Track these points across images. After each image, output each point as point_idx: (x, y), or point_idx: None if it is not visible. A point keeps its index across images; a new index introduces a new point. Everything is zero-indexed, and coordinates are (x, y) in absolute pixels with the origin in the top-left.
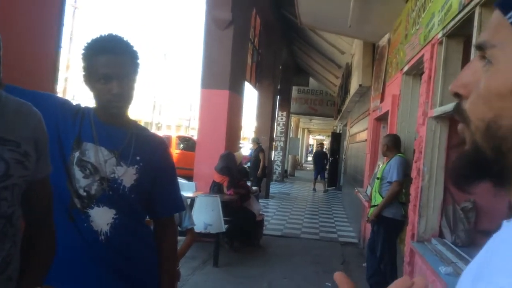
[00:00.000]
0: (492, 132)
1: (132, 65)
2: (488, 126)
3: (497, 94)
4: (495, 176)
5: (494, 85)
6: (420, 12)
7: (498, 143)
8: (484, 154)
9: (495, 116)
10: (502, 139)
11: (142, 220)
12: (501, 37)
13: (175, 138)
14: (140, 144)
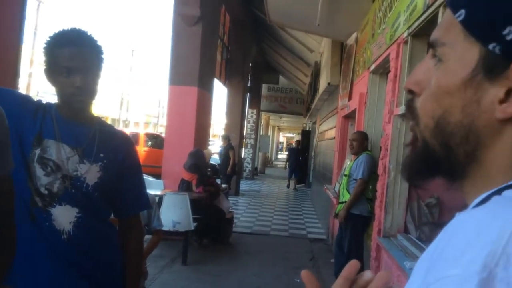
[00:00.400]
0: (441, 128)
1: (96, 59)
2: (437, 123)
3: (446, 92)
4: (445, 171)
5: (444, 82)
6: (386, 12)
7: (447, 140)
8: (433, 150)
9: (444, 112)
10: (451, 135)
11: (106, 219)
12: (451, 36)
13: (143, 135)
14: (104, 141)
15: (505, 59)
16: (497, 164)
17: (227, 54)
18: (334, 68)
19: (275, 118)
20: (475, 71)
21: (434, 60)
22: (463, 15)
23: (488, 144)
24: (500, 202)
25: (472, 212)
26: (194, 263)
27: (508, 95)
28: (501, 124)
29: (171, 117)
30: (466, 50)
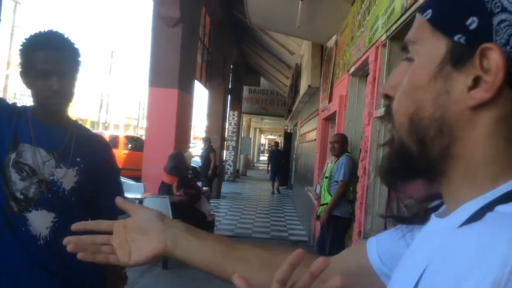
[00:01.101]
0: (415, 125)
1: (72, 62)
2: (411, 120)
3: (417, 87)
4: (422, 170)
5: (414, 78)
6: (365, 15)
7: (421, 136)
8: (409, 149)
9: (417, 108)
10: (425, 130)
11: None
12: (421, 34)
13: (122, 138)
14: (80, 145)
15: (470, 48)
16: (474, 159)
17: (208, 56)
18: (314, 70)
19: (256, 120)
20: (443, 63)
21: (407, 62)
22: (430, 14)
23: (462, 137)
24: (497, 220)
25: (470, 231)
26: (174, 267)
27: (476, 83)
28: (472, 113)
29: (151, 119)
30: (434, 45)
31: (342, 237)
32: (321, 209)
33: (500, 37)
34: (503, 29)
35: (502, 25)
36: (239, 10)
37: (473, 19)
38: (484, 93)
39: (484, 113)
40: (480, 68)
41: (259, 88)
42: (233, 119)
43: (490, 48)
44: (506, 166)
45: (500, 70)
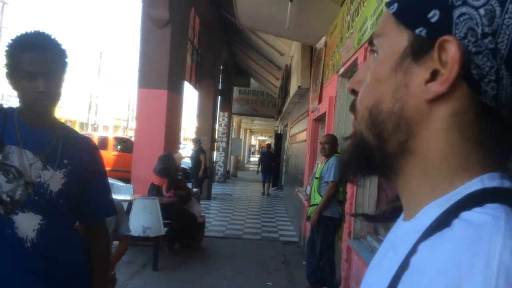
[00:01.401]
0: (374, 118)
1: (59, 63)
2: (370, 113)
3: (378, 80)
4: (380, 165)
5: (376, 71)
6: (354, 16)
7: (380, 129)
8: (368, 143)
9: (376, 101)
10: (383, 124)
11: (71, 226)
12: (386, 28)
13: (112, 139)
14: (67, 147)
15: (430, 41)
16: (430, 154)
17: (198, 57)
18: (304, 71)
19: (247, 121)
20: (404, 56)
21: (373, 56)
22: (395, 8)
23: (419, 131)
24: (469, 231)
25: (444, 243)
26: (165, 268)
27: (434, 76)
28: (429, 107)
29: (140, 120)
30: (397, 37)
31: (332, 238)
32: (311, 209)
33: (459, 30)
34: (462, 22)
35: (461, 18)
36: (229, 11)
37: (435, 12)
38: (439, 86)
39: (440, 107)
40: (438, 61)
41: (249, 89)
42: (223, 120)
43: (448, 40)
44: (462, 163)
45: (455, 63)
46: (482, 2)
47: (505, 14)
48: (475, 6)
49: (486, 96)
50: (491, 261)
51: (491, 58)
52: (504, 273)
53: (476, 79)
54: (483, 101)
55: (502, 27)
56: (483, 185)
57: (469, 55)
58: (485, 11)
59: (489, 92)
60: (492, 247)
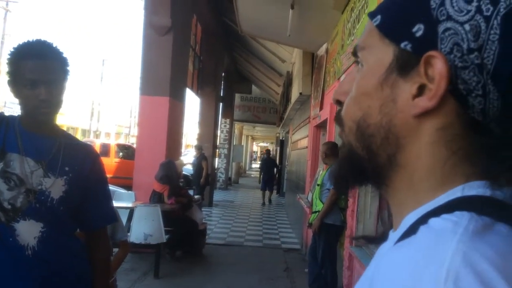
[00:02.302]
0: (362, 131)
1: (61, 71)
2: (358, 126)
3: (364, 93)
4: (371, 177)
5: (362, 84)
6: (355, 23)
7: (368, 142)
8: (358, 154)
9: (364, 115)
10: (371, 137)
11: (72, 233)
12: (370, 40)
13: (114, 146)
14: (69, 154)
15: (416, 56)
16: (418, 167)
17: (199, 64)
18: (305, 78)
19: (248, 127)
20: (389, 70)
21: (357, 67)
22: (379, 20)
23: (407, 145)
24: (429, 237)
25: (403, 250)
26: (166, 276)
27: (421, 91)
28: (417, 122)
29: (142, 127)
30: (382, 51)
31: (334, 245)
32: (313, 216)
33: (445, 45)
34: (447, 37)
35: (447, 33)
36: (230, 18)
37: (420, 27)
38: (427, 102)
39: (428, 122)
40: (425, 76)
41: (251, 96)
42: (225, 126)
43: (434, 56)
44: (447, 175)
45: (443, 78)
46: (467, 18)
47: (490, 29)
48: (460, 21)
49: (473, 110)
50: (441, 266)
51: (478, 73)
52: (453, 278)
53: (463, 94)
54: (470, 115)
55: (487, 42)
56: (462, 194)
57: (456, 70)
58: (470, 26)
59: (476, 106)
60: (444, 253)
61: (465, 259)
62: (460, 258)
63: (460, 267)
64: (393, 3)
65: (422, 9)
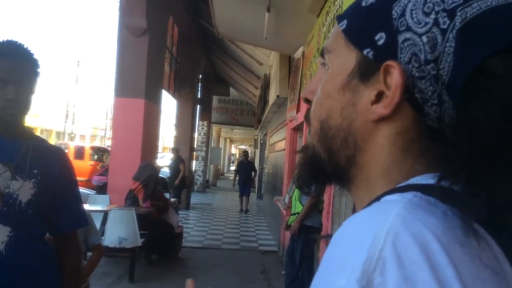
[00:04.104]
0: (324, 132)
1: (31, 72)
2: (321, 127)
3: (328, 96)
4: (332, 177)
5: (326, 87)
6: (330, 27)
7: (329, 144)
8: (319, 156)
9: (327, 116)
10: (332, 139)
11: (42, 237)
12: (335, 44)
13: (88, 148)
14: (37, 156)
15: (377, 63)
16: (374, 167)
17: (176, 66)
18: (282, 80)
19: (226, 130)
20: (351, 75)
21: (324, 68)
22: (345, 25)
23: (365, 147)
24: (375, 207)
25: (350, 218)
26: (141, 280)
27: (379, 97)
28: (375, 126)
29: (117, 130)
30: (346, 56)
31: (311, 247)
32: (292, 218)
33: (404, 55)
34: (406, 48)
35: (406, 43)
36: (207, 20)
37: (381, 35)
38: (383, 109)
39: (385, 127)
40: (383, 84)
41: (229, 98)
42: (203, 129)
43: (392, 66)
44: (401, 176)
45: (398, 88)
46: (424, 30)
47: (446, 42)
48: (418, 33)
49: (429, 118)
50: (383, 226)
51: (434, 83)
52: (392, 236)
53: (420, 102)
54: (426, 122)
55: (443, 54)
56: (412, 182)
57: (413, 79)
58: (427, 38)
59: (432, 114)
60: (387, 216)
61: (404, 221)
62: (401, 220)
63: (399, 228)
64: (359, 9)
65: (384, 18)
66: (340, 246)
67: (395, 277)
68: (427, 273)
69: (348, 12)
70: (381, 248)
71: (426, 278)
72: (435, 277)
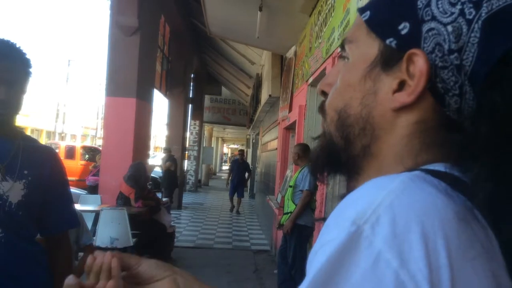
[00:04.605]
0: (342, 121)
1: (22, 72)
2: (339, 116)
3: (348, 85)
4: (344, 166)
5: (347, 77)
6: (322, 26)
7: (347, 132)
8: (336, 143)
9: (345, 105)
10: (350, 127)
11: (33, 238)
12: (357, 34)
13: (79, 148)
14: (28, 157)
15: (400, 52)
16: (389, 156)
17: (168, 65)
18: (274, 80)
19: (218, 129)
20: (374, 64)
21: (343, 60)
22: (368, 15)
23: (383, 136)
24: (380, 177)
25: (355, 190)
26: None
27: (401, 86)
28: (395, 115)
29: (108, 129)
30: (368, 45)
31: (304, 247)
32: (284, 217)
33: (428, 45)
34: (431, 37)
35: (430, 33)
36: (199, 19)
37: (405, 25)
38: (406, 97)
39: (405, 116)
40: (406, 73)
41: (221, 97)
42: (195, 128)
43: (417, 54)
44: (415, 165)
45: (423, 76)
46: (450, 20)
47: (471, 32)
48: (444, 22)
49: (449, 108)
50: (383, 189)
51: (456, 73)
52: (392, 196)
53: (441, 92)
54: (446, 112)
55: (467, 44)
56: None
57: (436, 69)
58: (452, 28)
59: (452, 105)
60: (391, 181)
61: (407, 188)
62: (403, 186)
63: (401, 192)
64: (383, 0)
65: (409, 8)
66: (339, 208)
67: (385, 232)
68: (417, 236)
69: (372, 3)
70: (379, 204)
71: (414, 240)
72: (424, 242)
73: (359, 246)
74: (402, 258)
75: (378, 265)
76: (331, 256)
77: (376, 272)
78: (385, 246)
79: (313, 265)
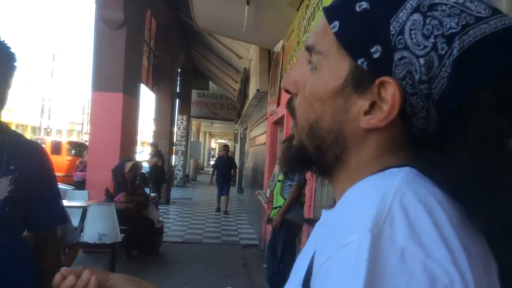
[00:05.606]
0: (314, 132)
1: (7, 67)
2: (311, 127)
3: (319, 99)
4: (317, 169)
5: (317, 90)
6: (310, 20)
7: (319, 143)
8: (307, 151)
9: (317, 118)
10: (322, 139)
11: (19, 235)
12: (325, 45)
13: (65, 143)
14: (14, 152)
15: (371, 75)
16: (359, 166)
17: (154, 59)
18: (262, 74)
19: (206, 124)
20: (345, 83)
21: (310, 65)
22: (337, 27)
23: (354, 148)
24: (377, 175)
25: (350, 189)
26: None
27: (372, 108)
28: (365, 134)
29: (95, 124)
30: (339, 62)
31: (293, 241)
32: (273, 212)
33: (399, 72)
34: (402, 65)
35: (402, 61)
36: (186, 13)
37: (377, 48)
38: (378, 122)
39: (375, 135)
40: (377, 96)
41: (208, 92)
42: (182, 123)
43: (389, 82)
44: (383, 168)
45: (396, 104)
46: (423, 53)
47: (442, 67)
48: (416, 54)
49: (415, 128)
50: (390, 187)
51: (424, 99)
52: (399, 195)
53: (409, 115)
54: (412, 132)
55: (437, 77)
56: None
57: (406, 95)
58: (424, 61)
59: (418, 125)
60: (394, 179)
61: (410, 185)
62: (406, 183)
63: (406, 189)
64: (352, 13)
65: (381, 32)
66: (346, 210)
67: (403, 227)
68: (431, 226)
69: (339, 11)
70: (390, 205)
71: (430, 230)
72: (437, 230)
73: (384, 245)
74: (425, 249)
75: (406, 260)
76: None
77: (405, 266)
78: (407, 241)
79: (342, 270)
